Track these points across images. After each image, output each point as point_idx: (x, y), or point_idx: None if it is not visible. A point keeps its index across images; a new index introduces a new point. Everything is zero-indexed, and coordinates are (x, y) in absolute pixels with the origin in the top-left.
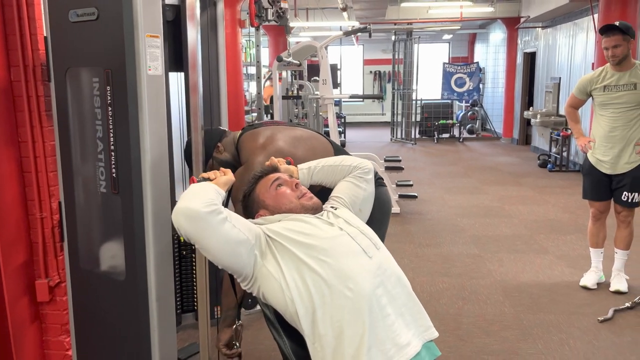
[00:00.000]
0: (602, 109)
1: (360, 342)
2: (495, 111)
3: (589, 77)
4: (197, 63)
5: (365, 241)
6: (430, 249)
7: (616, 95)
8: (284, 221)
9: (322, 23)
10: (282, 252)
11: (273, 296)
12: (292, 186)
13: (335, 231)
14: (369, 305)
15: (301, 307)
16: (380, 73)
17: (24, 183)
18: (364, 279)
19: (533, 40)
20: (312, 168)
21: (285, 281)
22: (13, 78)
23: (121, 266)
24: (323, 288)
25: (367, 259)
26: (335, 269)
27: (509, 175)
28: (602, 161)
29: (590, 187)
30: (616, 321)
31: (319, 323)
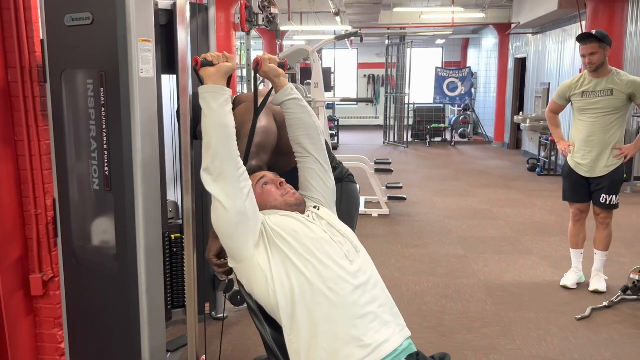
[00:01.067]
0: (581, 114)
1: (335, 337)
2: (487, 115)
3: (568, 84)
4: (187, 66)
5: (347, 245)
6: (417, 250)
7: (594, 100)
8: (278, 216)
9: (316, 27)
10: (273, 246)
11: (257, 286)
12: (277, 185)
13: (320, 232)
14: (347, 305)
15: (282, 300)
16: (374, 77)
17: (20, 181)
18: (344, 281)
19: (524, 46)
20: (297, 97)
21: (271, 274)
22: (10, 79)
23: (113, 260)
24: (305, 285)
25: (348, 263)
26: (318, 268)
27: (498, 179)
28: (581, 164)
29: (569, 189)
30: (594, 319)
31: (297, 316)
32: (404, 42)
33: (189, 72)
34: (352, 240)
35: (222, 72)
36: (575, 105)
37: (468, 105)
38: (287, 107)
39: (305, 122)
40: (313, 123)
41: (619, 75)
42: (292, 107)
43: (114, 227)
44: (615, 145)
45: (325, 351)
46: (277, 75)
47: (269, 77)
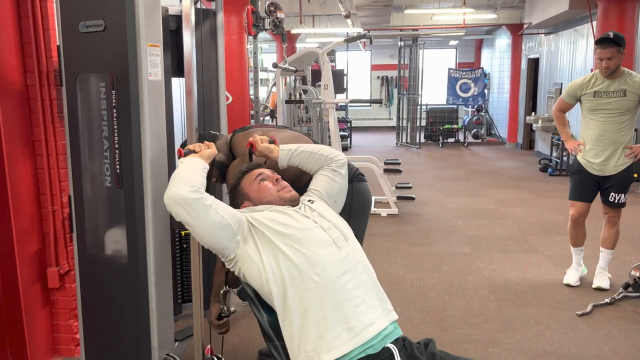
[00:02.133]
0: (592, 113)
1: (324, 320)
2: (500, 116)
3: (579, 83)
4: (192, 69)
5: (336, 233)
6: (424, 248)
7: (606, 101)
8: (266, 211)
9: (328, 29)
10: (262, 238)
11: (251, 276)
12: (273, 181)
13: (309, 223)
14: (334, 289)
15: (274, 287)
16: (387, 78)
17: (38, 179)
18: (330, 266)
19: (536, 46)
20: (292, 150)
21: (263, 264)
22: (29, 83)
23: (124, 254)
24: (294, 272)
25: (335, 249)
26: (306, 256)
27: (509, 179)
28: (593, 163)
29: (576, 187)
30: (594, 315)
31: (289, 302)
32: (416, 43)
33: (194, 74)
34: (341, 229)
35: (204, 157)
36: (586, 105)
37: (481, 106)
38: (293, 163)
39: (315, 160)
40: (320, 155)
41: (631, 77)
42: (294, 161)
43: (124, 222)
44: (625, 144)
45: (315, 333)
46: (271, 151)
47: (264, 155)
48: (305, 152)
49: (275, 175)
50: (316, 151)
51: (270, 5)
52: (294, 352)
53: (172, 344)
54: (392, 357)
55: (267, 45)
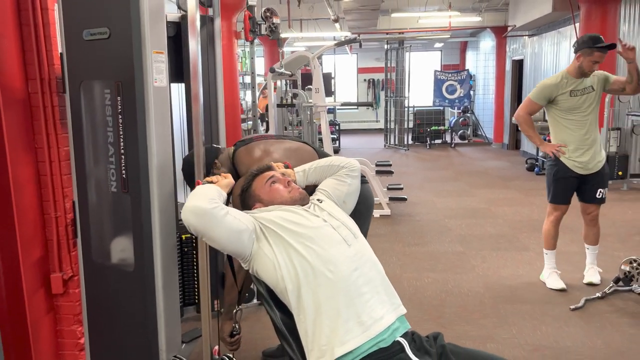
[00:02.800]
0: (570, 113)
1: (337, 315)
2: (486, 117)
3: (553, 83)
4: (198, 74)
5: (345, 231)
6: (418, 248)
7: (582, 99)
8: (277, 211)
9: (316, 33)
10: (274, 237)
11: (266, 274)
12: (284, 183)
13: (320, 222)
14: (346, 285)
15: (289, 284)
16: (374, 81)
17: (40, 185)
18: (342, 263)
19: (520, 48)
20: (307, 170)
21: (277, 261)
22: (30, 90)
23: (130, 258)
24: (307, 269)
25: (346, 247)
26: (318, 253)
27: (497, 179)
28: (580, 162)
29: (563, 191)
30: (587, 310)
31: (303, 298)
32: (402, 46)
33: (199, 79)
34: (350, 227)
35: (222, 186)
36: (564, 105)
37: (467, 107)
38: (311, 182)
39: (327, 174)
40: (332, 167)
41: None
42: (312, 179)
43: (131, 226)
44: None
45: (328, 328)
46: (289, 175)
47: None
48: (320, 167)
49: (286, 178)
50: (329, 164)
51: (266, 11)
52: (307, 345)
53: (179, 346)
54: (402, 350)
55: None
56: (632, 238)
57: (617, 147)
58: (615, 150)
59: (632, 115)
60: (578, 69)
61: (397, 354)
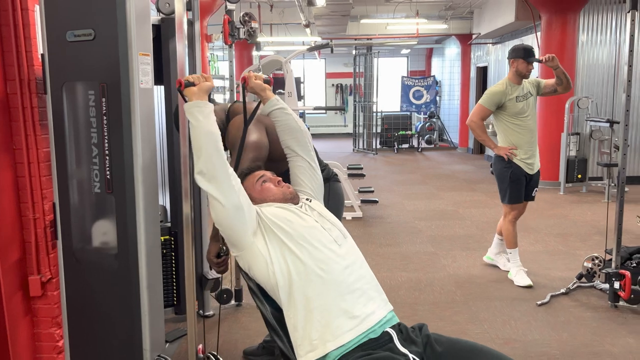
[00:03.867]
0: (517, 118)
1: (328, 311)
2: (451, 122)
3: (501, 90)
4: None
5: (335, 232)
6: (390, 248)
7: (525, 103)
8: (272, 207)
9: (286, 38)
10: (269, 234)
11: (258, 269)
12: (275, 182)
13: (312, 222)
14: (338, 282)
15: (281, 280)
16: (342, 86)
17: (18, 187)
18: (334, 262)
19: (484, 55)
20: (282, 105)
21: (270, 258)
22: (9, 91)
23: (114, 258)
24: (299, 266)
25: (336, 246)
26: (310, 252)
27: (463, 182)
28: (529, 164)
29: (519, 191)
30: (552, 305)
31: (294, 294)
32: (370, 52)
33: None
34: (339, 228)
35: (203, 90)
36: (512, 110)
37: (433, 112)
38: (274, 116)
39: (292, 127)
40: (299, 127)
41: (524, 81)
42: (278, 115)
43: (115, 227)
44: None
45: (319, 323)
46: (263, 89)
47: (255, 92)
48: (291, 116)
49: (276, 178)
50: (298, 121)
51: (244, 16)
52: (297, 340)
53: (163, 345)
54: (391, 339)
55: (221, 53)
56: (592, 237)
57: (577, 151)
58: (574, 154)
59: (590, 120)
60: (516, 73)
61: (386, 343)
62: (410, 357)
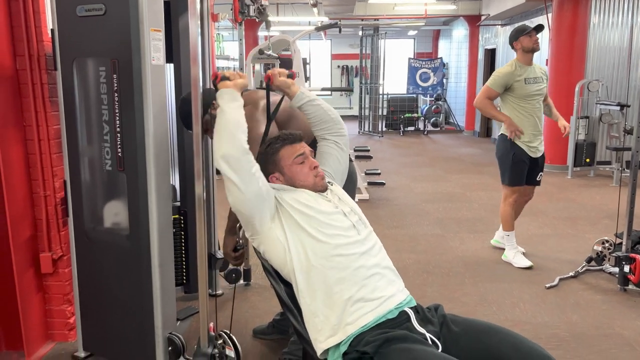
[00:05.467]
0: (525, 100)
1: (348, 296)
2: (458, 105)
3: (509, 72)
4: (197, 56)
5: (355, 217)
6: (398, 230)
7: (536, 87)
8: (294, 192)
9: (293, 18)
10: (288, 219)
11: (275, 254)
12: (311, 165)
13: (332, 207)
14: (356, 267)
15: (298, 266)
16: (347, 67)
17: (29, 164)
18: (352, 247)
19: (493, 37)
20: (310, 97)
21: (288, 244)
22: (19, 67)
23: (126, 236)
24: (318, 252)
25: (355, 232)
26: (330, 237)
27: (470, 165)
28: (532, 146)
29: (520, 173)
30: (561, 288)
31: (312, 279)
32: (377, 33)
33: (199, 62)
34: (359, 214)
35: (238, 86)
36: (520, 92)
37: (440, 95)
38: (304, 109)
39: (323, 119)
40: (330, 117)
41: (537, 65)
42: (307, 108)
43: (126, 204)
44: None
45: (340, 308)
46: (288, 86)
47: (281, 89)
48: (320, 106)
49: (315, 162)
50: (328, 110)
51: None
52: (317, 325)
53: (175, 323)
54: (408, 319)
55: (227, 33)
56: (601, 221)
57: (585, 134)
58: (583, 138)
59: (600, 104)
60: (523, 52)
61: (404, 322)
62: (427, 336)
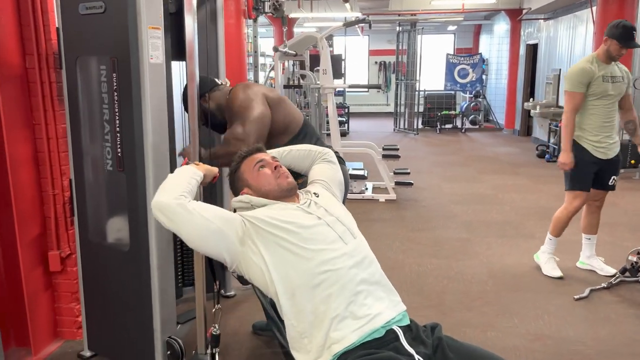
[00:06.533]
0: (598, 99)
1: (334, 315)
2: (498, 102)
3: (586, 68)
4: (194, 52)
5: (341, 228)
6: (422, 233)
7: (613, 85)
8: (268, 209)
9: (326, 14)
10: (265, 239)
11: (255, 277)
12: (272, 168)
13: (314, 220)
14: (343, 283)
15: (280, 287)
16: (385, 63)
17: (38, 162)
18: (339, 261)
19: (535, 32)
20: (281, 152)
21: (266, 264)
22: (28, 65)
23: (125, 238)
24: (302, 270)
25: (342, 244)
26: (314, 253)
27: (507, 165)
28: (602, 148)
29: (585, 177)
30: (592, 300)
31: (297, 300)
32: (414, 28)
33: (196, 58)
34: (347, 224)
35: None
36: (596, 91)
37: (479, 92)
38: (287, 164)
39: (302, 159)
40: (306, 153)
41: (617, 64)
42: (285, 162)
43: (126, 206)
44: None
45: (326, 325)
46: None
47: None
48: (295, 150)
49: (275, 162)
50: (306, 149)
51: None
52: (305, 346)
53: (174, 326)
54: (396, 338)
55: (264, 30)
56: None
57: None
58: (628, 139)
59: None
60: (606, 53)
61: (391, 342)
62: (416, 358)
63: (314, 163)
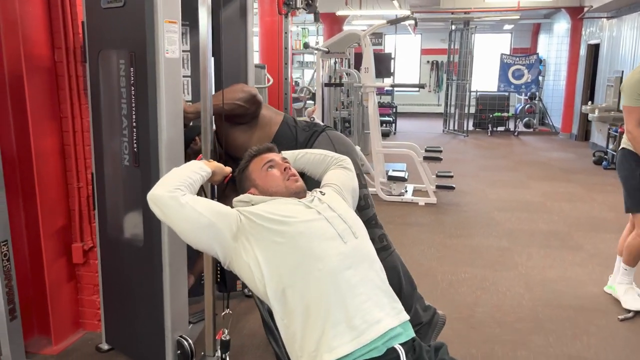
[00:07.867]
0: None
1: (326, 316)
2: (554, 105)
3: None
4: (206, 46)
5: (342, 225)
6: (460, 240)
7: None
8: (266, 204)
9: (374, 12)
10: (258, 233)
11: (244, 275)
12: (281, 169)
13: (312, 215)
14: (337, 283)
15: (271, 284)
16: (437, 63)
17: (64, 155)
18: (333, 259)
19: (597, 31)
20: (296, 154)
21: (257, 261)
22: (57, 59)
23: (141, 233)
24: (293, 266)
25: (340, 242)
26: (307, 249)
27: (559, 171)
28: None
29: None
30: (637, 321)
31: (289, 299)
32: (467, 27)
33: (209, 52)
34: (349, 223)
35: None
36: None
37: (534, 93)
38: (297, 167)
39: (316, 163)
40: (321, 157)
41: None
42: (298, 164)
43: (141, 202)
44: None
45: (318, 331)
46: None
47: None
48: (310, 154)
49: (285, 164)
50: (321, 154)
51: None
52: (296, 352)
53: (186, 326)
54: (397, 358)
55: (313, 27)
56: None
57: None
58: None
59: None
60: None
61: None
62: None
63: (328, 169)
